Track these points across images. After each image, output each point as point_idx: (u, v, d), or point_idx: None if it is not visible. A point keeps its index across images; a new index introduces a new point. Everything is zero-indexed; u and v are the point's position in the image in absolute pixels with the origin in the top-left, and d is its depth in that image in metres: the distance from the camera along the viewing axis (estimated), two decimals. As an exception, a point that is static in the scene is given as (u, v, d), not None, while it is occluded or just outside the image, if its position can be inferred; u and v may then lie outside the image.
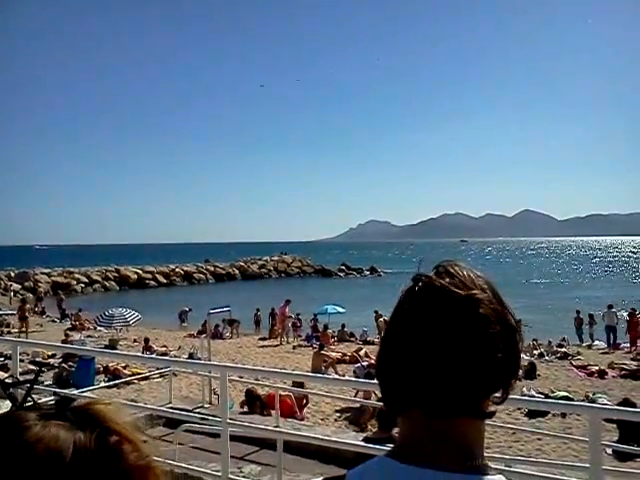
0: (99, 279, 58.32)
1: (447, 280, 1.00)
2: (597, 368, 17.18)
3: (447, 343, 0.95)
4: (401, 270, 62.08)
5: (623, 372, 16.78)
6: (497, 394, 1.01)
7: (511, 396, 1.03)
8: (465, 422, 0.97)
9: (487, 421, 1.03)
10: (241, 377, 11.62)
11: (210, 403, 10.57)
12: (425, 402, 0.97)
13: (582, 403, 10.59)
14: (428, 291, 1.00)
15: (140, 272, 62.27)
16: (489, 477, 0.95)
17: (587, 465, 3.97)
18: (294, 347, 23.72)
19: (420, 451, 0.97)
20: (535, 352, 20.26)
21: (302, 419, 11.14)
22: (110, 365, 15.22)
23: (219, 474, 5.37)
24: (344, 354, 19.39)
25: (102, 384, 12.53)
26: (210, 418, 6.44)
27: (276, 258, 79.31)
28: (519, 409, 12.46)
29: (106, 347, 19.96)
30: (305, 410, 12.10)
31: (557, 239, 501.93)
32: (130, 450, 0.79)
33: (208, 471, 5.78)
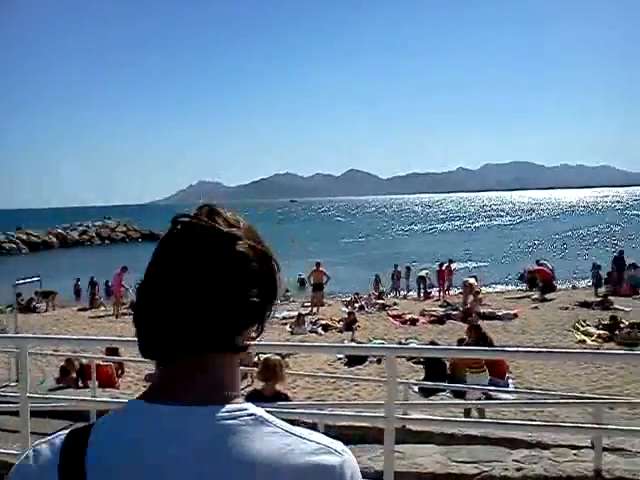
0: None
1: (206, 220, 0.98)
2: (410, 316, 18.68)
3: (200, 279, 0.94)
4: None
5: (432, 318, 18.44)
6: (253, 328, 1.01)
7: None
8: (218, 357, 0.97)
9: (309, 372, 1.00)
10: (57, 350, 10.93)
11: (17, 380, 9.80)
12: (177, 340, 0.95)
13: (381, 345, 11.32)
14: (187, 231, 0.98)
15: None
16: (231, 405, 0.94)
17: (382, 402, 4.22)
18: (116, 315, 22.52)
19: (170, 389, 0.96)
20: (356, 305, 21.46)
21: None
22: None
23: (19, 452, 4.99)
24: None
25: None
26: (9, 395, 5.95)
27: (98, 223, 75.05)
28: (339, 359, 13.18)
29: None
30: (123, 379, 11.69)
31: (382, 197, 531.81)
32: None
33: (10, 451, 5.36)
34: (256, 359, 8.28)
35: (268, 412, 0.97)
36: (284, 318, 19.50)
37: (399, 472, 4.79)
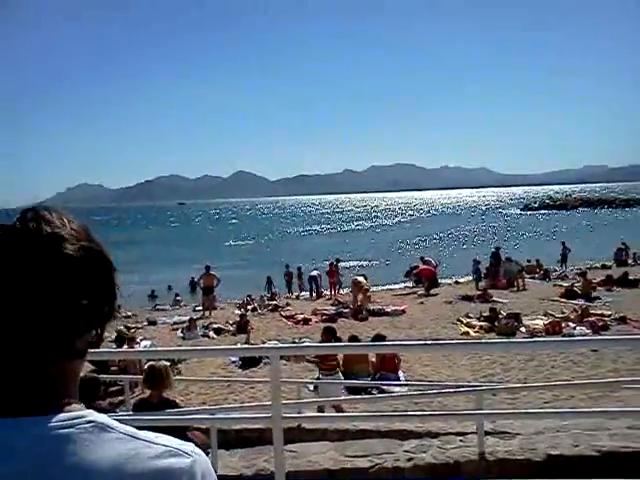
0: None
1: (28, 224, 0.93)
2: (303, 316, 18.84)
3: (23, 286, 0.89)
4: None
5: (324, 317, 18.70)
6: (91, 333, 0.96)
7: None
8: (55, 365, 0.93)
9: (203, 376, 0.93)
10: None
11: None
12: (5, 351, 0.90)
13: (266, 346, 11.34)
14: (7, 237, 0.92)
15: None
16: (67, 414, 0.90)
17: (269, 402, 4.20)
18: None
19: (3, 401, 0.91)
20: (249, 307, 21.33)
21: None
22: None
23: None
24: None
25: None
26: None
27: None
28: (233, 362, 13.03)
29: None
30: None
31: (271, 199, 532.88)
32: None
33: None
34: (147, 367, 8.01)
35: (154, 419, 0.94)
36: (175, 323, 19.07)
37: (293, 471, 4.80)
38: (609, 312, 15.96)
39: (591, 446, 5.20)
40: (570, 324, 14.68)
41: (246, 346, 10.68)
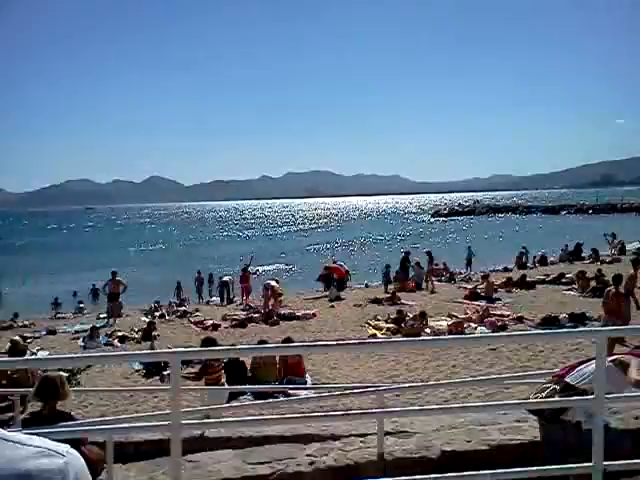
0: None
1: None
2: (212, 322, 18.53)
3: None
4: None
5: (234, 322, 18.49)
6: None
7: None
8: None
9: (104, 387, 0.80)
10: None
11: None
12: None
13: (164, 350, 10.96)
14: None
15: None
16: None
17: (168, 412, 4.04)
18: None
19: None
20: (156, 314, 20.76)
21: None
22: None
23: None
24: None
25: None
26: None
27: None
28: (137, 371, 12.60)
29: None
30: None
31: (185, 204, 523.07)
32: None
33: None
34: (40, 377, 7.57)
35: (45, 433, 0.86)
36: (76, 332, 18.27)
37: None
38: (508, 312, 16.71)
39: (482, 440, 5.38)
40: (472, 324, 15.24)
41: (144, 352, 10.31)
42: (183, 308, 22.14)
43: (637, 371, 3.84)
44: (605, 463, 3.41)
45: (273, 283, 21.33)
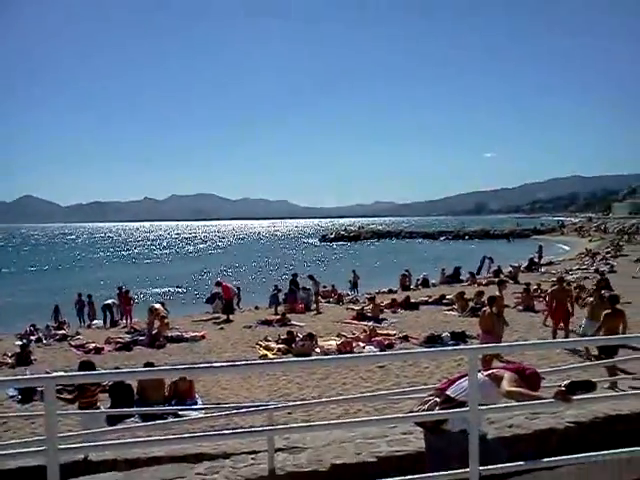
0: None
1: None
2: (94, 345, 17.69)
3: None
4: None
5: (118, 345, 17.76)
6: None
7: None
8: None
9: None
10: None
11: None
12: None
13: (37, 375, 10.32)
14: None
15: None
16: None
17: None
18: None
19: None
20: (32, 337, 19.53)
21: None
22: None
23: None
24: None
25: None
26: None
27: None
28: (11, 397, 11.78)
29: None
30: None
31: (62, 224, 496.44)
32: None
33: None
34: None
35: None
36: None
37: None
38: (394, 332, 17.32)
39: (370, 453, 5.56)
40: (360, 344, 15.63)
41: (17, 377, 9.66)
42: (62, 331, 20.96)
43: (508, 383, 4.17)
44: (481, 468, 3.67)
45: (157, 305, 20.85)
